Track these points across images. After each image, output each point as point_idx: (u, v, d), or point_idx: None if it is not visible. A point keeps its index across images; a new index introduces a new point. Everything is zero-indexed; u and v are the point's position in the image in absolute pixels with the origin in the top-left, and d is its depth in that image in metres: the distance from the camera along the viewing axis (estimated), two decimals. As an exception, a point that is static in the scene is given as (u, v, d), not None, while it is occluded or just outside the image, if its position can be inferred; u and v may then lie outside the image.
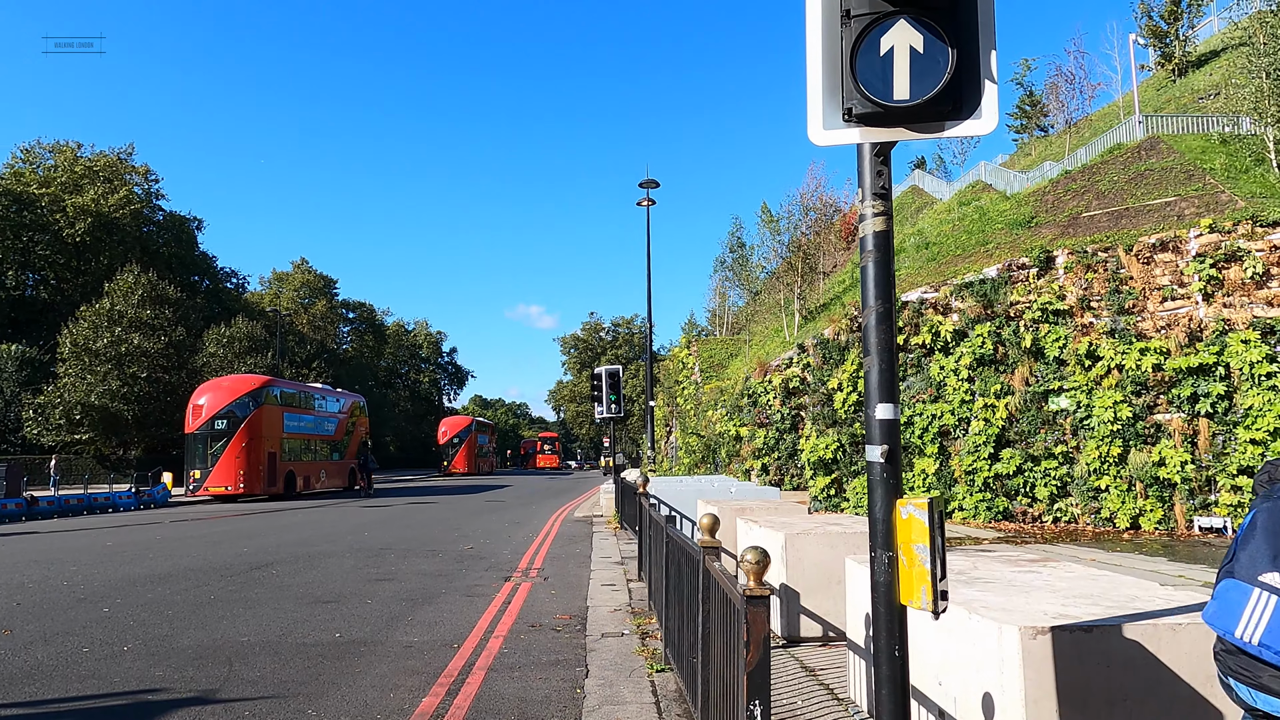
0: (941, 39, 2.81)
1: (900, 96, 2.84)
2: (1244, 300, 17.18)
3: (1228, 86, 25.04)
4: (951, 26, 2.82)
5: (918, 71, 2.83)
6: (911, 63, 2.84)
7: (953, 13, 2.85)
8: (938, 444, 19.86)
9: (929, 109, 2.86)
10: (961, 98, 2.86)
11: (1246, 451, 16.31)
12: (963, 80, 2.85)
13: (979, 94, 2.86)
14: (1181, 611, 3.83)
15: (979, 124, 2.87)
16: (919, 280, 22.23)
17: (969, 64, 2.85)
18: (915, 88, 2.83)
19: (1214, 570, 11.89)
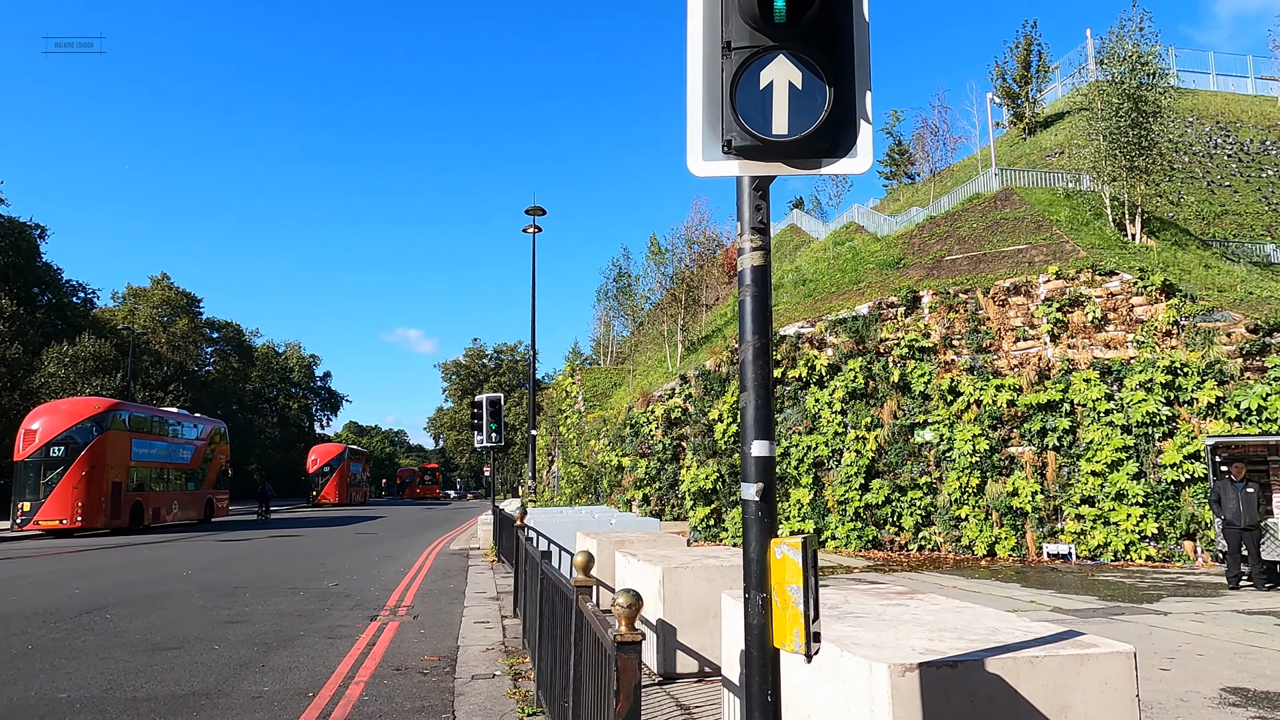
0: (820, 77, 2.81)
1: (779, 131, 2.82)
2: (1085, 342, 18.62)
3: (1071, 146, 27.37)
4: (829, 65, 2.83)
5: (796, 107, 2.82)
6: (790, 98, 2.82)
7: (831, 52, 2.86)
8: (812, 474, 20.43)
9: (807, 145, 2.85)
10: (838, 136, 2.87)
11: (1088, 482, 17.57)
12: (839, 119, 2.85)
13: (855, 133, 2.87)
14: (1038, 644, 3.96)
15: (854, 163, 2.88)
16: (796, 315, 22.97)
17: (846, 103, 2.87)
18: (794, 123, 2.81)
19: (1062, 594, 12.67)
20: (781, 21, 2.80)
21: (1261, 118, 35.89)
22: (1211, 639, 8.92)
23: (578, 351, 56.42)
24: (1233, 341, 17.17)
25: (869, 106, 2.89)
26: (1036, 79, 38.19)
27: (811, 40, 2.84)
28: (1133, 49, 22.71)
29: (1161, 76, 22.81)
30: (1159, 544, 16.91)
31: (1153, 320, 18.00)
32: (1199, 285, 18.82)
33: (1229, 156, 32.16)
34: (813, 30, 2.84)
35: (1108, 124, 22.12)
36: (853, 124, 2.87)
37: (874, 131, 3.01)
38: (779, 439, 21.12)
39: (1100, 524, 17.30)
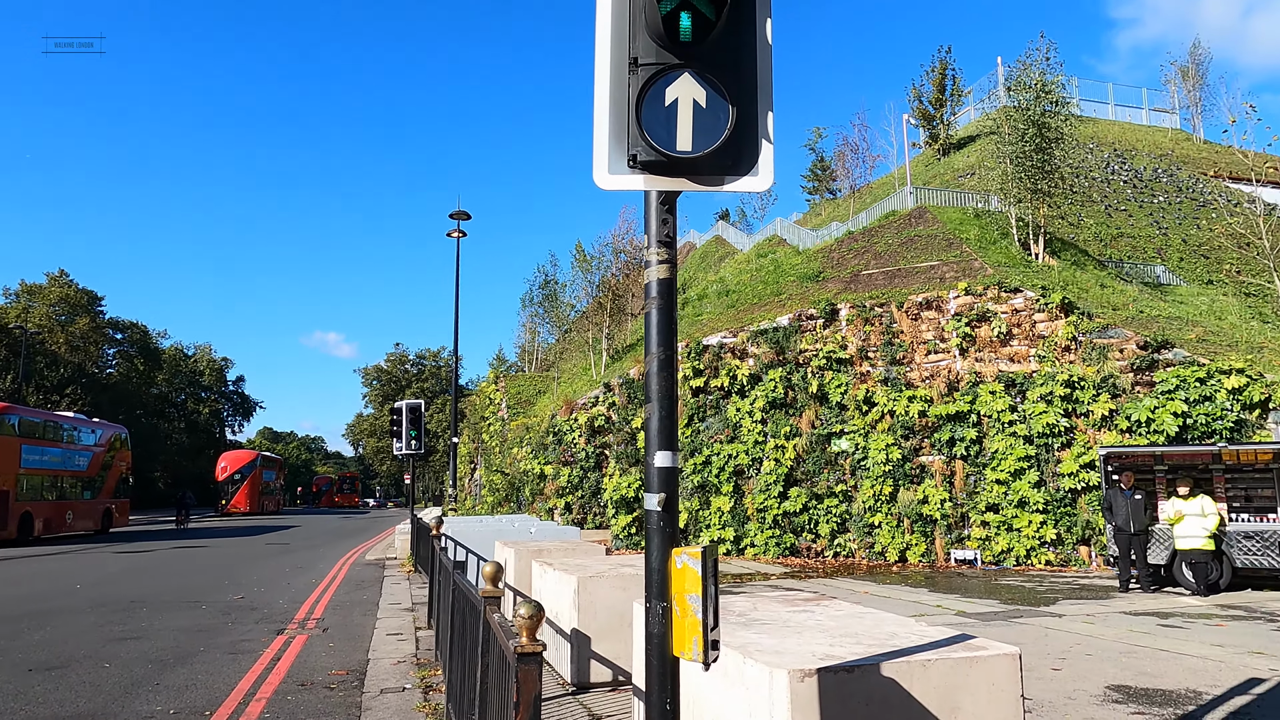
0: (723, 96, 2.88)
1: (683, 148, 2.87)
2: (992, 356, 19.44)
3: (981, 168, 28.58)
4: (733, 85, 2.90)
5: (700, 125, 2.88)
6: (695, 116, 2.88)
7: (735, 72, 2.93)
8: (733, 483, 20.70)
9: (710, 162, 2.91)
10: (741, 154, 2.94)
11: (993, 490, 18.32)
12: (742, 138, 2.93)
13: (756, 152, 2.95)
14: (932, 647, 4.11)
15: (756, 181, 2.96)
16: (720, 325, 23.28)
17: (748, 123, 2.94)
18: (698, 141, 2.87)
19: (967, 599, 13.17)
20: (687, 40, 2.86)
21: (1154, 146, 38.20)
22: (1100, 639, 9.41)
23: (502, 358, 55.87)
24: (1125, 357, 18.19)
25: (770, 126, 2.97)
26: (950, 102, 39.80)
27: (716, 60, 2.91)
28: (1038, 78, 23.90)
29: (1063, 105, 24.04)
30: (1057, 549, 17.74)
31: (1053, 336, 18.91)
32: (1095, 303, 19.87)
33: (1125, 182, 34.10)
34: (717, 50, 2.91)
35: (1014, 148, 23.20)
36: (755, 143, 2.95)
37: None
38: (701, 448, 21.35)
39: (1004, 530, 18.04)
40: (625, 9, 2.99)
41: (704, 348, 22.12)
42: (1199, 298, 24.23)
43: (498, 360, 55.43)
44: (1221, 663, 8.10)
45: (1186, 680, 7.41)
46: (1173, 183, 34.70)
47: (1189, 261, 29.39)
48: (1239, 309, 23.78)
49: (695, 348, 22.14)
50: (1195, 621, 10.62)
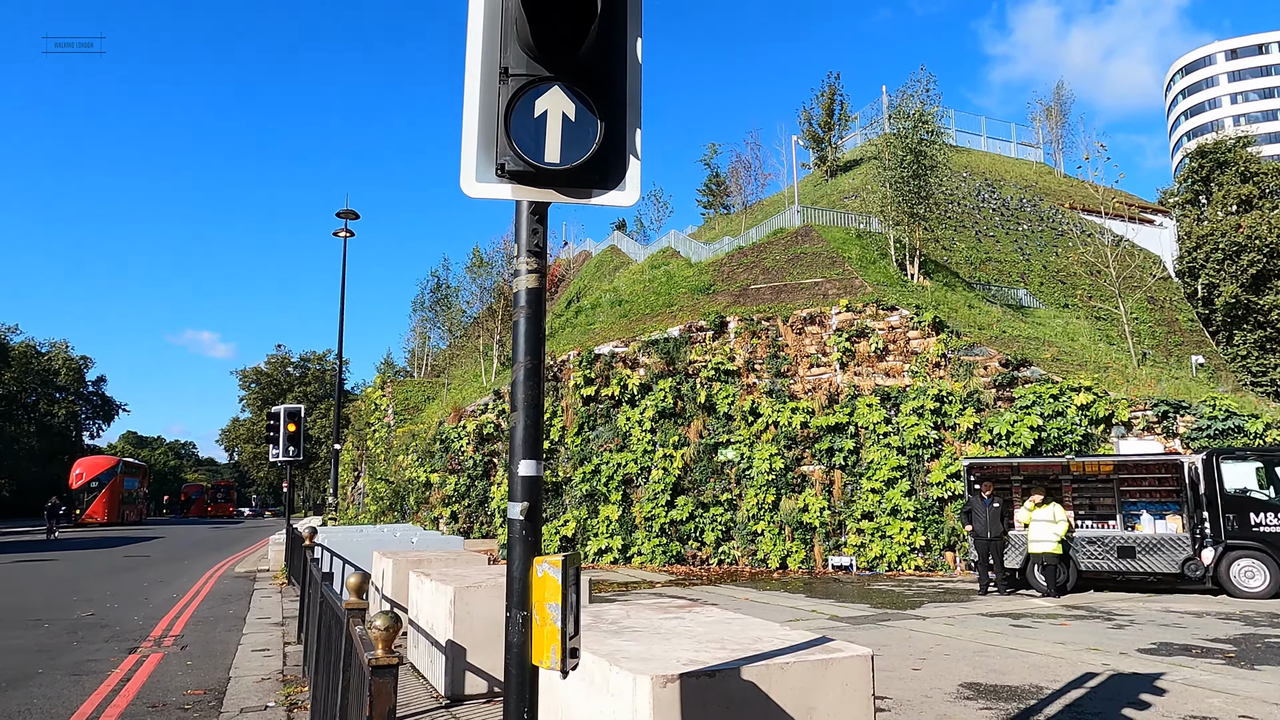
0: (592, 111, 2.93)
1: (551, 160, 2.90)
2: (870, 370, 20.34)
3: (864, 191, 29.91)
4: (602, 101, 2.95)
5: (569, 138, 2.91)
6: (564, 129, 2.92)
7: (604, 88, 2.99)
8: (621, 491, 20.82)
9: (578, 175, 2.95)
10: (608, 169, 2.99)
11: (868, 499, 19.14)
12: (610, 153, 2.98)
13: (624, 167, 3.01)
14: (791, 650, 4.27)
15: (623, 196, 3.02)
16: (612, 335, 23.41)
17: (617, 138, 3.00)
18: (566, 153, 2.91)
19: (840, 603, 13.69)
20: (557, 54, 2.89)
21: (1020, 178, 40.96)
22: (958, 640, 9.97)
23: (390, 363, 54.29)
24: (989, 374, 19.39)
25: (638, 143, 3.04)
26: (838, 126, 41.48)
27: (586, 75, 2.95)
28: (918, 108, 25.26)
29: (939, 135, 25.50)
30: (926, 555, 18.69)
31: (925, 352, 19.97)
32: (964, 323, 21.12)
33: (994, 210, 36.41)
34: (587, 66, 2.96)
35: (894, 173, 24.43)
36: (623, 158, 3.01)
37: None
38: (591, 456, 21.38)
39: (877, 537, 18.87)
40: (497, 19, 3.00)
41: (596, 357, 22.19)
42: (1055, 320, 26.12)
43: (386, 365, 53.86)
44: (1062, 659, 8.73)
45: (1031, 676, 7.95)
46: (1036, 213, 37.31)
47: (1048, 286, 31.63)
48: (1089, 331, 25.78)
49: (587, 356, 22.18)
50: (1043, 621, 11.40)
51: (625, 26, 3.07)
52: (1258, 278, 39.13)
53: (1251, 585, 13.26)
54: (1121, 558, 14.13)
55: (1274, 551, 13.23)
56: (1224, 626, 10.70)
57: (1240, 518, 13.51)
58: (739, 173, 40.72)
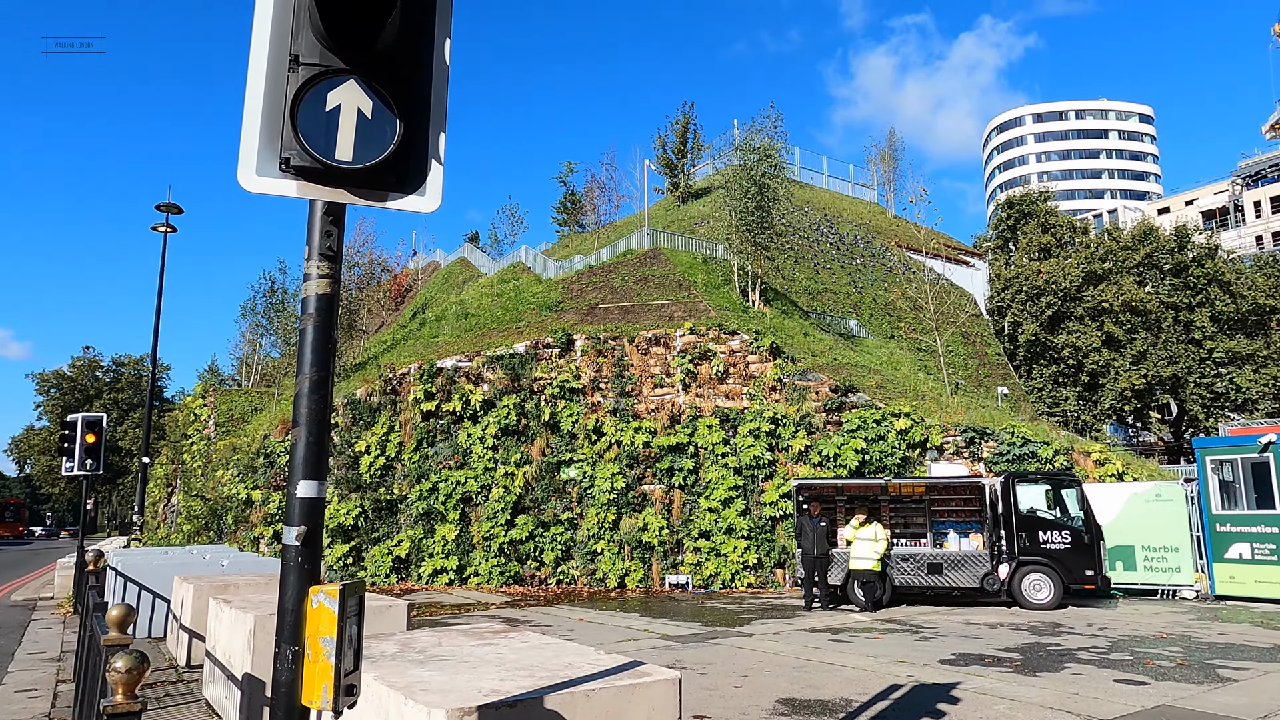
0: (391, 109, 2.76)
1: (343, 157, 2.70)
2: (710, 392, 20.88)
3: (712, 218, 30.87)
4: (403, 100, 2.80)
5: (364, 136, 2.73)
6: (359, 126, 2.73)
7: (406, 87, 2.83)
8: (460, 510, 20.23)
9: (373, 176, 2.77)
10: (407, 172, 2.83)
11: (705, 518, 19.56)
12: (410, 155, 2.82)
13: (425, 171, 2.86)
14: (602, 676, 4.19)
15: (423, 201, 2.86)
16: (457, 349, 22.81)
17: (418, 140, 2.85)
18: (360, 151, 2.73)
19: (673, 622, 13.84)
20: (353, 45, 2.71)
21: (856, 216, 43.69)
22: (780, 656, 10.29)
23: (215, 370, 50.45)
24: (820, 398, 20.39)
25: (442, 147, 2.90)
26: (691, 154, 42.70)
27: (386, 71, 2.78)
28: (765, 143, 26.39)
29: (782, 169, 26.75)
30: (758, 572, 19.30)
31: (763, 376, 20.75)
32: (799, 349, 22.13)
33: (831, 244, 38.60)
34: (388, 61, 2.79)
35: (739, 203, 25.37)
36: (424, 162, 2.86)
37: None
38: (429, 474, 20.65)
39: (713, 555, 19.30)
40: (290, 1, 2.78)
41: (438, 370, 21.53)
42: (881, 350, 27.90)
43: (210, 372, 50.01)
44: (872, 672, 9.18)
45: (843, 690, 8.29)
46: (868, 249, 39.87)
47: (876, 318, 33.79)
48: (911, 361, 27.70)
49: (429, 370, 21.48)
50: (859, 635, 11.99)
51: (433, 26, 2.93)
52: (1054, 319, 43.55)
53: (1039, 597, 14.55)
54: (931, 573, 15.14)
55: (1058, 566, 14.60)
56: (1014, 636, 11.65)
57: (1031, 535, 14.82)
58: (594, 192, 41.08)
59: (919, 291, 30.53)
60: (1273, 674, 8.85)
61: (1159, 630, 11.99)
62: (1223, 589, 15.30)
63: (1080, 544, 14.59)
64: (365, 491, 20.61)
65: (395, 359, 23.88)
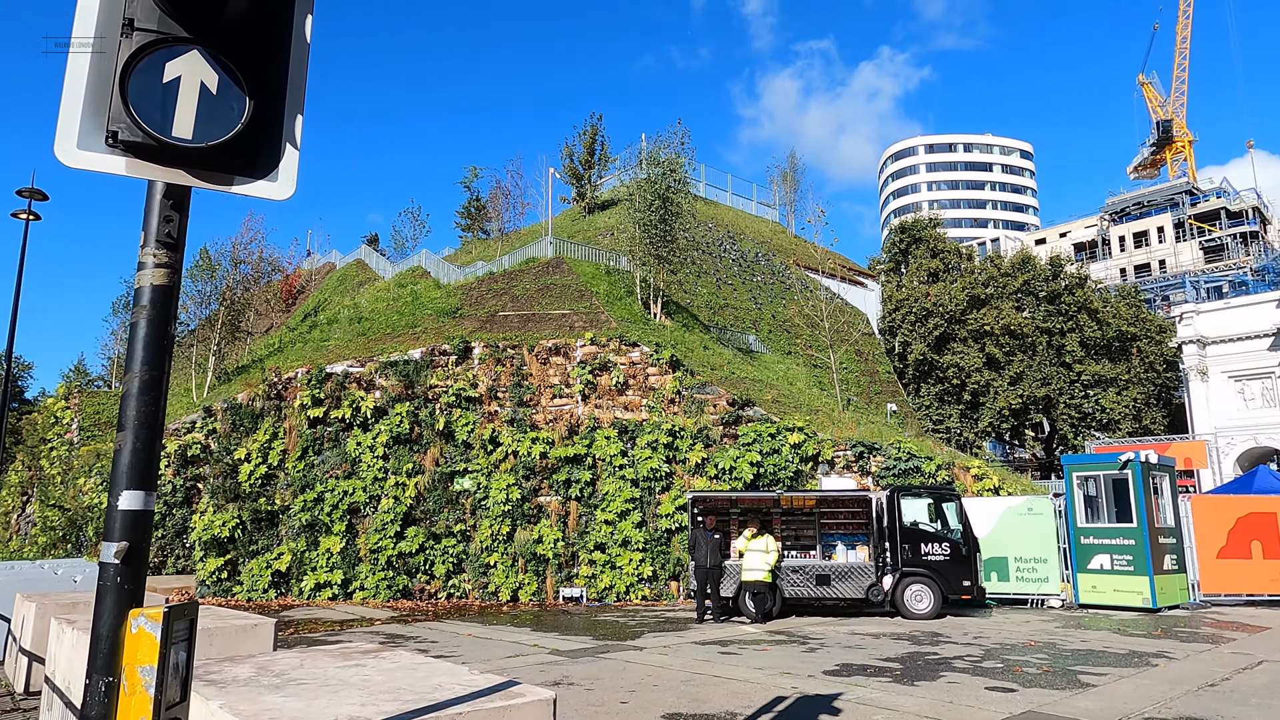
0: (239, 85, 2.53)
1: (181, 134, 2.46)
2: (610, 403, 20.80)
3: (617, 230, 30.92)
4: (254, 77, 2.57)
5: (207, 112, 2.49)
6: (201, 101, 2.49)
7: (259, 63, 2.61)
8: (346, 521, 19.42)
9: (217, 157, 2.53)
10: (257, 155, 2.60)
11: (601, 530, 19.41)
12: (261, 136, 2.60)
13: (278, 156, 2.64)
14: (471, 699, 3.99)
15: (274, 187, 2.64)
16: (347, 353, 21.97)
17: (270, 122, 2.62)
18: (202, 129, 2.48)
19: (565, 636, 13.61)
20: (197, 13, 2.47)
21: (758, 234, 44.67)
22: (669, 670, 10.24)
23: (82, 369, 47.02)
24: (718, 412, 20.61)
25: (299, 132, 2.68)
26: (599, 165, 42.73)
27: (235, 44, 2.55)
28: (672, 157, 26.64)
29: (686, 184, 27.06)
30: (653, 585, 19.28)
31: (662, 389, 20.82)
32: (698, 363, 22.34)
33: (733, 261, 39.30)
34: (238, 33, 2.57)
35: (643, 216, 25.49)
36: (277, 145, 2.64)
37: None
38: (314, 483, 19.74)
39: (608, 568, 19.17)
40: (125, -40, 2.51)
41: (327, 375, 20.65)
42: (778, 365, 28.52)
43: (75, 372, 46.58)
44: (759, 684, 9.23)
45: (728, 703, 8.29)
46: (769, 266, 40.79)
47: (775, 334, 34.56)
48: (806, 377, 28.42)
49: (318, 375, 20.58)
50: (748, 647, 12.08)
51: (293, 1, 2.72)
52: (940, 340, 45.68)
53: (920, 608, 15.06)
54: (819, 585, 15.46)
55: (938, 577, 15.16)
56: (895, 646, 11.98)
57: (913, 548, 15.34)
58: (499, 199, 40.51)
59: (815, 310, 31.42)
60: (1127, 679, 9.38)
61: (1028, 638, 12.58)
62: (1086, 598, 16.23)
63: (959, 556, 15.20)
64: (244, 502, 19.51)
65: (282, 362, 22.80)
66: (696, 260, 34.04)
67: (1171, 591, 15.96)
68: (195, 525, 19.49)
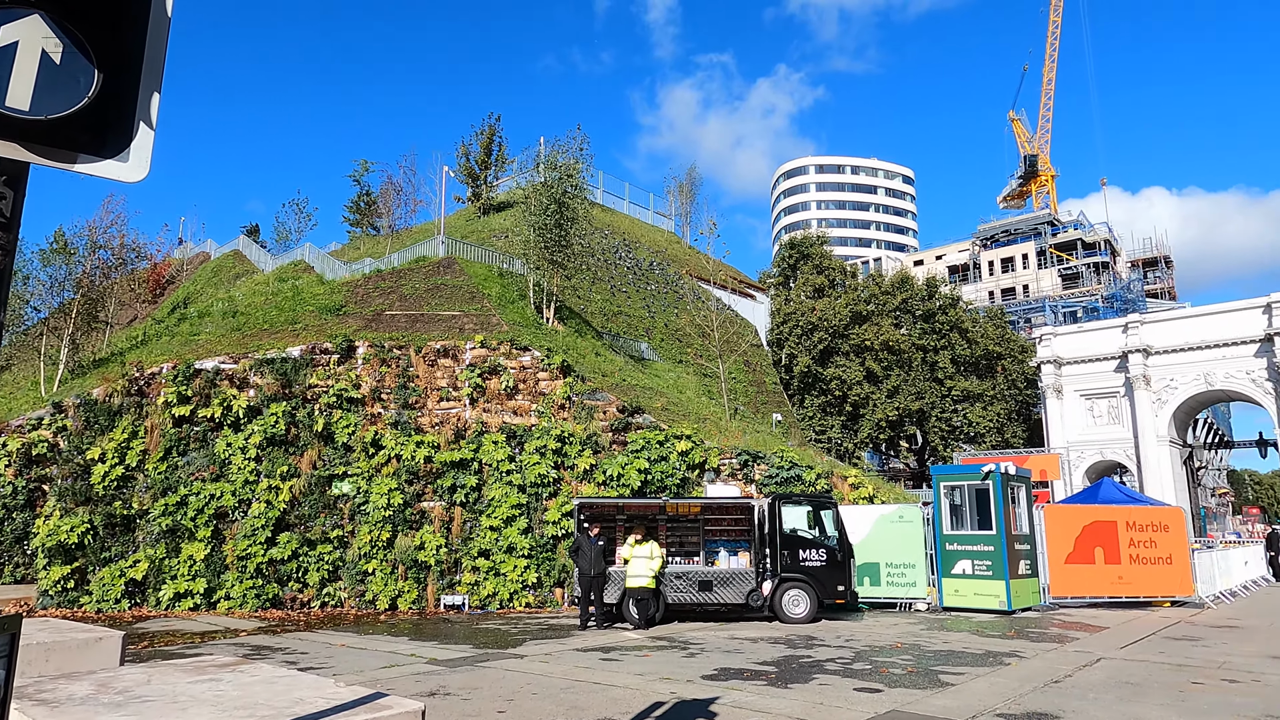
0: (87, 56, 2.35)
1: (16, 105, 2.26)
2: (499, 407, 20.52)
3: (511, 233, 30.58)
4: (104, 47, 2.39)
5: (49, 83, 2.30)
6: (41, 70, 2.30)
7: (110, 32, 2.42)
8: (212, 526, 18.36)
9: (59, 132, 2.34)
10: (106, 132, 2.42)
11: (486, 536, 19.10)
12: (110, 113, 2.42)
13: (129, 135, 2.46)
14: (332, 713, 3.82)
15: (124, 168, 2.46)
16: (220, 349, 20.81)
17: (122, 98, 2.44)
18: (41, 101, 2.29)
19: (443, 645, 13.29)
20: (41, -26, 2.28)
21: (654, 243, 45.17)
22: (549, 678, 10.15)
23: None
24: (607, 418, 20.66)
25: (154, 111, 2.51)
26: (495, 166, 42.19)
27: (83, 11, 2.37)
28: (568, 163, 26.57)
29: (584, 190, 27.07)
30: (537, 592, 19.10)
31: (552, 394, 20.70)
32: (590, 369, 22.34)
33: (628, 268, 39.59)
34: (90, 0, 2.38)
35: (539, 219, 25.32)
36: (128, 123, 2.46)
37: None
38: (177, 486, 18.57)
39: (492, 575, 18.86)
40: (-43, -90, 2.29)
41: (196, 372, 19.49)
42: (669, 373, 28.88)
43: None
44: (638, 690, 9.28)
45: (607, 710, 8.28)
46: (663, 276, 41.31)
47: (667, 343, 35.00)
48: (696, 386, 28.90)
49: (185, 371, 19.40)
50: (630, 654, 12.13)
51: (153, -32, 2.55)
52: (824, 353, 47.43)
53: (797, 612, 15.53)
54: (701, 590, 15.70)
55: (815, 582, 15.67)
56: (772, 650, 12.30)
57: (792, 554, 15.81)
58: (390, 195, 39.39)
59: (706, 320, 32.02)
60: (982, 677, 9.96)
61: (895, 640, 13.17)
62: (950, 601, 17.15)
63: (834, 561, 15.76)
64: (96, 505, 18.14)
65: (146, 356, 21.34)
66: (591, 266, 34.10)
67: (1025, 594, 17.07)
68: (38, 530, 17.96)
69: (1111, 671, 10.41)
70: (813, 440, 42.60)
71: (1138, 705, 8.49)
